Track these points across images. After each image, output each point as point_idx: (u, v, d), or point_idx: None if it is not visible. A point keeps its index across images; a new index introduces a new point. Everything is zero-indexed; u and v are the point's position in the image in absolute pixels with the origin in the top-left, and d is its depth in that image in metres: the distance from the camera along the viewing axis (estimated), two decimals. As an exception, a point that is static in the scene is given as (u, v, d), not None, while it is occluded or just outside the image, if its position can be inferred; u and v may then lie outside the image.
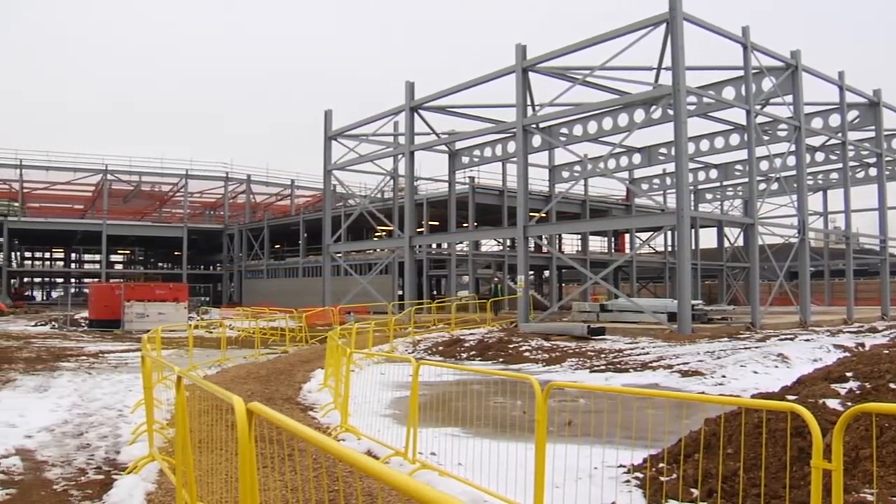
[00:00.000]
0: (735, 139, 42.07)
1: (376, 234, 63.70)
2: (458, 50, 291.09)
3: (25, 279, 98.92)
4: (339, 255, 49.21)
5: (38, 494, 7.69)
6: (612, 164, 46.88)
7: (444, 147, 45.28)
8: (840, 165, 40.76)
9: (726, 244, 58.22)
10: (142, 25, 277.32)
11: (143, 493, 7.45)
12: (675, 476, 7.02)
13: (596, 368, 18.69)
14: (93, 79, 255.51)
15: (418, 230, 48.43)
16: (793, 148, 34.21)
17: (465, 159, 46.87)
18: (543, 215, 45.54)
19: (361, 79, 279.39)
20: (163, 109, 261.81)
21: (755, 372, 16.57)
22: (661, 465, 7.50)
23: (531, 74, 32.64)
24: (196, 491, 5.96)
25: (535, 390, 6.50)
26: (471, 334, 28.22)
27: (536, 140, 38.71)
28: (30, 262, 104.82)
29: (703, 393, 13.14)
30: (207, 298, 75.63)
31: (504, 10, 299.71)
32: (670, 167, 50.40)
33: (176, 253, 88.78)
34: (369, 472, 2.70)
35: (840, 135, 37.61)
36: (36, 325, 41.88)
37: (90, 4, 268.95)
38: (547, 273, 64.58)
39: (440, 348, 25.01)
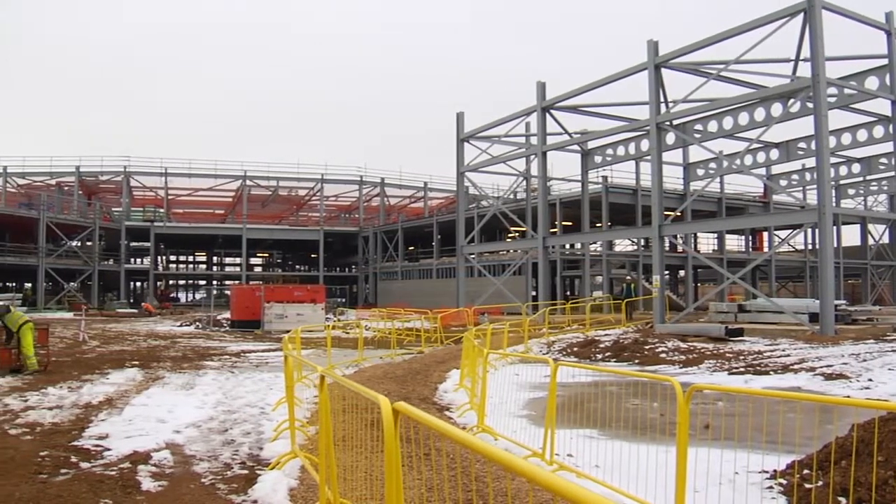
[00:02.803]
0: (879, 131, 40.30)
1: (509, 235, 63.86)
2: (587, 47, 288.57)
3: (171, 281, 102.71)
4: (473, 256, 49.41)
5: (188, 487, 7.97)
6: (748, 160, 45.63)
7: (576, 147, 44.99)
8: None
9: (870, 241, 55.96)
10: (275, 26, 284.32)
11: (286, 488, 7.63)
12: (821, 483, 6.79)
13: (735, 370, 18.25)
14: (229, 80, 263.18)
15: (551, 230, 48.21)
16: (943, 140, 32.69)
17: (598, 158, 46.47)
18: (678, 214, 44.77)
19: (492, 79, 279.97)
20: (298, 110, 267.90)
21: (904, 375, 15.88)
22: (805, 471, 7.27)
23: (663, 70, 32.11)
24: (338, 487, 6.08)
25: (676, 392, 6.40)
26: (605, 335, 27.92)
27: (670, 138, 38.07)
28: (174, 265, 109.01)
29: (848, 397, 12.70)
30: (343, 300, 77.07)
31: (631, 2, 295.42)
32: (810, 162, 48.84)
33: (313, 255, 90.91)
34: (523, 474, 2.70)
35: None
36: (181, 326, 43.39)
37: (221, 5, 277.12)
38: (682, 273, 63.56)
39: (575, 349, 24.81)
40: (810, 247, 58.23)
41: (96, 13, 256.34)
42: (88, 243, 71.73)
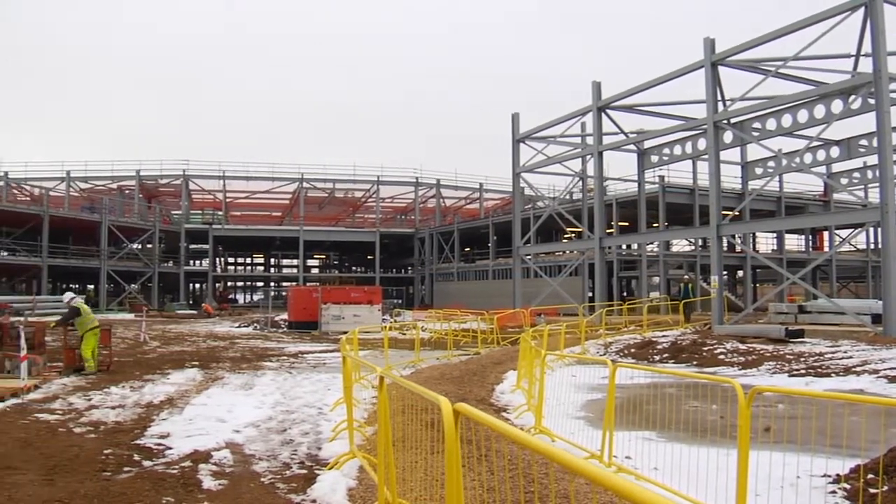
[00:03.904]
0: (945, 127, 39.47)
1: (565, 236, 63.57)
2: (642, 46, 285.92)
3: (229, 283, 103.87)
4: (529, 257, 49.31)
5: (248, 486, 8.06)
6: (808, 158, 44.83)
7: (632, 146, 44.64)
8: None
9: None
10: (334, 26, 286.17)
11: (344, 488, 7.69)
12: (887, 488, 6.66)
13: (795, 372, 18.00)
14: (282, 82, 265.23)
15: (608, 231, 47.94)
16: None
17: (654, 158, 46.03)
18: (737, 213, 44.21)
19: (545, 78, 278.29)
20: (351, 113, 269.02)
21: (972, 377, 15.54)
22: (870, 475, 7.13)
23: (720, 68, 31.75)
24: (396, 488, 6.11)
25: (737, 394, 6.32)
26: (663, 336, 27.71)
27: (728, 136, 37.57)
28: (232, 266, 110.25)
29: (914, 399, 12.46)
30: (400, 301, 77.35)
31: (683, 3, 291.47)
32: (872, 160, 47.80)
33: (369, 257, 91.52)
34: (587, 475, 2.69)
35: None
36: (239, 327, 43.92)
37: (280, 12, 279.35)
38: (741, 273, 62.75)
39: (632, 350, 24.68)
40: (873, 246, 57.24)
41: (153, 19, 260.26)
42: (149, 246, 72.92)
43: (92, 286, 71.68)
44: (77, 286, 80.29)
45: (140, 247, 72.32)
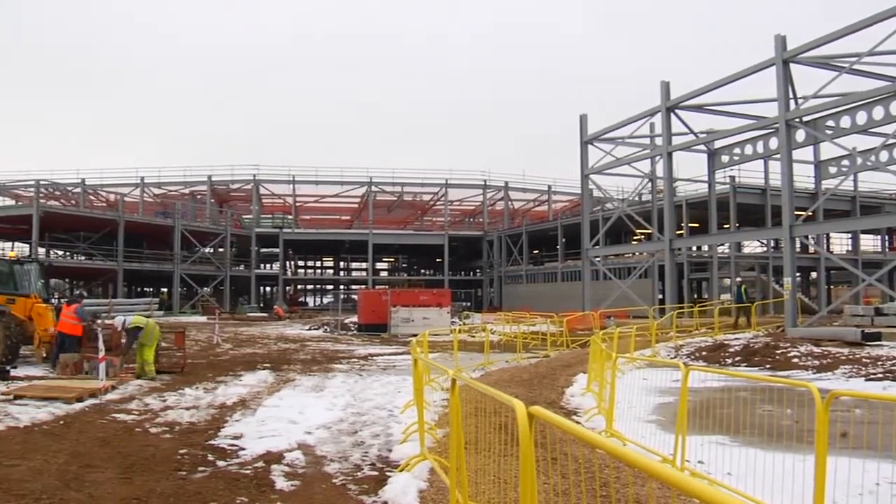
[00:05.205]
0: None
1: (635, 238, 63.09)
2: (710, 45, 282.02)
3: (299, 286, 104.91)
4: (598, 259, 48.98)
5: (320, 487, 8.16)
6: (884, 156, 43.75)
7: (702, 146, 44.06)
8: None
9: None
10: (401, 32, 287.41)
11: (415, 490, 7.71)
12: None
13: (872, 376, 17.60)
14: (347, 85, 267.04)
15: (678, 232, 47.40)
16: None
17: (725, 158, 45.33)
18: (810, 214, 43.40)
19: (611, 79, 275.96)
20: (419, 117, 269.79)
21: None
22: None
23: (792, 66, 31.18)
24: (468, 490, 6.11)
25: (813, 398, 6.21)
26: (735, 339, 27.30)
27: (800, 135, 36.83)
28: (303, 270, 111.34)
29: None
30: (468, 303, 77.42)
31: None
32: (952, 158, 46.77)
33: (437, 259, 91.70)
34: (669, 481, 2.66)
35: None
36: (309, 329, 44.36)
37: (348, 18, 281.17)
38: (814, 275, 61.59)
39: (703, 353, 24.39)
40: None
41: (223, 26, 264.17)
42: (220, 250, 74.07)
43: (165, 289, 73.05)
44: (151, 289, 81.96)
45: (212, 251, 73.44)
